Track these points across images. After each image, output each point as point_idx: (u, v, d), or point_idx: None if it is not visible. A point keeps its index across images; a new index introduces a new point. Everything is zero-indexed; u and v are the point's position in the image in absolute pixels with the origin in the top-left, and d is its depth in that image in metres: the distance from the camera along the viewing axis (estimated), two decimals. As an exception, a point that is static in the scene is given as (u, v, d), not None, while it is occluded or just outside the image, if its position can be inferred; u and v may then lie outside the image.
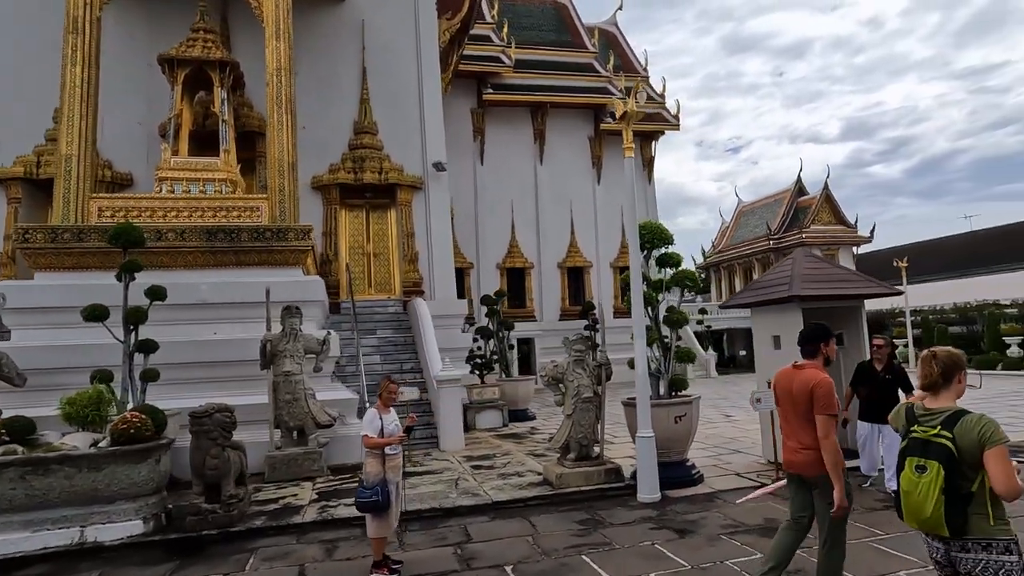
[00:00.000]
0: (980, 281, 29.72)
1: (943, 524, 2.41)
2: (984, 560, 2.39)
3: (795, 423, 3.71)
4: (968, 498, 2.40)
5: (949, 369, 2.61)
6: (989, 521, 2.40)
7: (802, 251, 8.65)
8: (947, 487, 2.39)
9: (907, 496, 2.52)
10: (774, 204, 35.40)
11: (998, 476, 2.32)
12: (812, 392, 3.54)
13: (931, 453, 2.45)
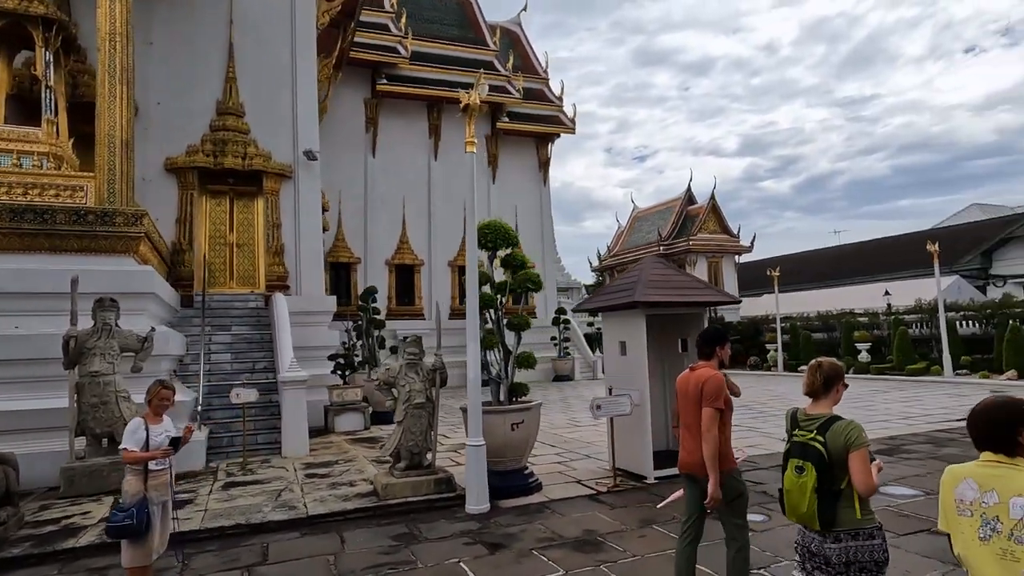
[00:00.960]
0: (840, 291, 32.15)
1: (816, 518, 2.68)
2: (854, 546, 2.64)
3: (693, 425, 3.78)
4: (838, 495, 2.67)
5: (830, 379, 2.88)
6: (856, 514, 2.67)
7: (651, 258, 8.70)
8: (819, 486, 2.66)
9: (788, 494, 2.79)
10: (666, 211, 36.69)
11: (858, 476, 2.63)
12: (703, 387, 3.66)
13: (808, 455, 2.71)
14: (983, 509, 2.05)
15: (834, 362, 2.94)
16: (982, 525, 2.04)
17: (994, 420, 2.11)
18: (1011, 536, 1.97)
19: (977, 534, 2.05)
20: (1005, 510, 1.99)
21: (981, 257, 29.64)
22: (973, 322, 21.58)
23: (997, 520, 2.01)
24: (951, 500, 2.16)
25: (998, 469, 2.07)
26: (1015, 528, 1.96)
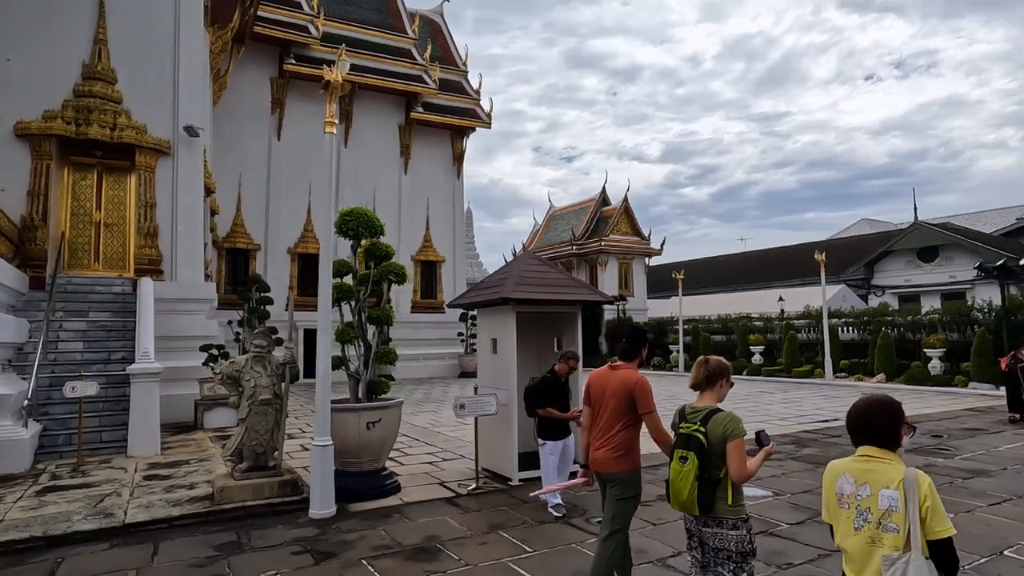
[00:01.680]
0: (741, 296, 33.57)
1: (695, 506, 2.87)
2: (720, 533, 2.86)
3: (606, 422, 3.76)
4: (716, 484, 2.86)
5: (714, 375, 3.08)
6: (727, 503, 2.86)
7: (527, 254, 8.50)
8: (700, 475, 2.83)
9: (673, 483, 2.96)
10: (580, 211, 37.10)
11: (733, 463, 2.82)
12: (633, 392, 3.66)
13: (690, 445, 2.88)
14: (858, 502, 2.21)
15: (720, 360, 3.14)
16: (856, 516, 2.21)
17: (877, 416, 2.27)
18: (879, 525, 2.14)
19: (852, 525, 2.21)
20: (875, 501, 2.15)
21: (864, 268, 31.65)
22: (852, 328, 22.93)
23: (869, 511, 2.17)
24: (833, 494, 2.30)
25: (871, 463, 2.23)
26: (882, 517, 2.13)
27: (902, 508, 2.09)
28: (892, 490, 2.13)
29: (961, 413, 13.17)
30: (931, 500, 2.08)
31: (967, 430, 10.88)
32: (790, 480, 7.41)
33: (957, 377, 18.53)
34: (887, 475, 2.17)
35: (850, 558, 2.24)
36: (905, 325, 21.28)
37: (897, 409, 2.28)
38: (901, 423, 2.27)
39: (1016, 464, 8.06)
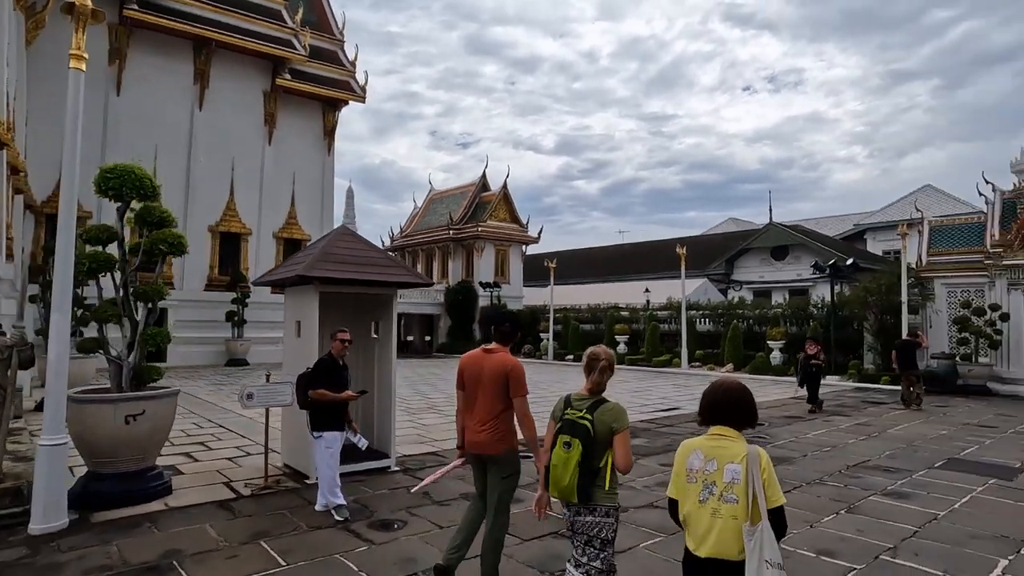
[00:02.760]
0: (614, 287, 34.54)
1: (574, 492, 2.88)
2: (591, 521, 2.93)
3: (483, 405, 3.80)
4: (596, 472, 2.90)
5: (593, 363, 3.11)
6: (605, 490, 2.93)
7: (340, 229, 7.77)
8: (583, 462, 2.86)
9: (554, 469, 2.96)
10: (460, 196, 36.51)
11: (619, 454, 2.90)
12: (508, 376, 3.72)
13: (576, 432, 2.90)
14: (705, 476, 2.38)
15: (610, 351, 3.21)
16: (703, 489, 2.37)
17: (735, 399, 2.47)
18: (721, 497, 2.33)
19: (698, 497, 2.38)
20: (720, 475, 2.35)
21: (725, 264, 33.60)
22: (708, 320, 24.11)
23: (714, 484, 2.35)
24: (683, 470, 2.46)
25: (721, 441, 2.42)
26: (725, 490, 2.33)
27: (743, 481, 2.31)
28: (736, 464, 2.34)
29: (788, 402, 13.97)
30: (768, 473, 2.34)
31: (786, 418, 11.46)
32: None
33: (791, 368, 19.88)
34: (732, 451, 2.38)
35: (693, 529, 2.41)
36: (753, 318, 22.60)
37: (750, 394, 2.53)
38: (754, 406, 2.50)
39: (816, 451, 8.44)
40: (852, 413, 12.13)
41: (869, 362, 18.82)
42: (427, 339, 34.37)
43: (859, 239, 38.98)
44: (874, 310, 18.50)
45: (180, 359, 21.28)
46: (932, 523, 5.39)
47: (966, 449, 8.66)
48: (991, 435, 9.87)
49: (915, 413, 12.26)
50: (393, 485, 6.53)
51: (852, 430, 10.16)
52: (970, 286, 17.34)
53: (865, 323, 19.09)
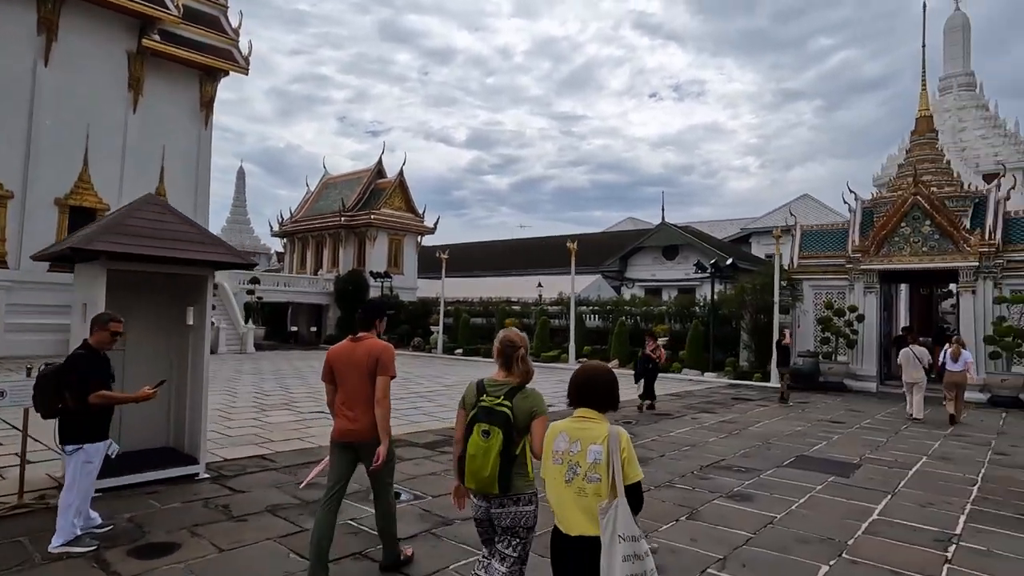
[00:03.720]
0: (509, 281, 34.31)
1: (496, 482, 2.77)
2: (514, 511, 2.84)
3: (356, 393, 3.78)
4: (514, 460, 2.82)
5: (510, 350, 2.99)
6: (525, 479, 2.87)
7: (146, 197, 6.69)
8: (503, 449, 2.77)
9: (472, 460, 2.81)
10: (354, 181, 34.98)
11: (538, 438, 2.78)
12: (379, 357, 3.74)
13: (495, 420, 2.81)
14: (570, 457, 2.49)
15: (525, 337, 3.08)
16: (567, 470, 2.48)
17: (600, 383, 2.58)
18: (585, 477, 2.44)
19: (564, 478, 2.49)
20: (584, 456, 2.46)
21: (620, 261, 34.17)
22: (597, 316, 24.25)
23: (578, 465, 2.46)
24: (550, 452, 2.56)
25: (585, 423, 2.54)
26: (589, 470, 2.44)
27: (604, 460, 2.39)
28: (598, 445, 2.42)
29: (662, 398, 14.02)
30: (627, 452, 2.43)
31: (655, 415, 11.38)
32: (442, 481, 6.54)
33: (674, 364, 20.27)
34: (595, 433, 2.47)
35: (559, 509, 2.50)
36: (640, 315, 22.91)
37: (615, 378, 2.61)
38: (614, 389, 2.58)
39: (675, 451, 8.26)
40: (719, 410, 12.26)
41: (744, 359, 19.47)
42: (313, 330, 32.68)
43: (745, 242, 40.92)
44: (749, 309, 19.14)
45: (11, 348, 18.76)
46: (768, 528, 5.17)
47: (816, 446, 8.79)
48: (840, 431, 10.17)
49: (777, 409, 12.58)
50: (191, 497, 5.59)
51: (716, 428, 10.17)
52: (834, 288, 18.27)
53: (742, 321, 19.74)
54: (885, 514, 5.63)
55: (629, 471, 2.41)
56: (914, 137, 18.69)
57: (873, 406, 13.71)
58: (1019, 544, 4.96)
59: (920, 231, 16.65)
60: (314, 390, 13.27)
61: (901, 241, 16.93)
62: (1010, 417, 12.82)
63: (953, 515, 5.67)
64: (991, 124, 34.49)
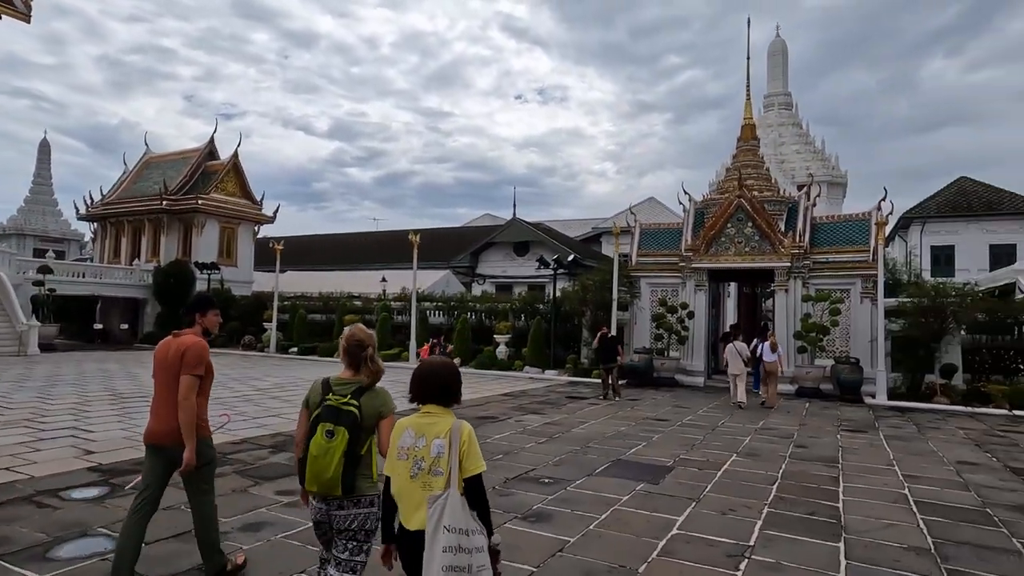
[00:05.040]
0: (354, 275, 32.51)
1: (339, 484, 2.69)
2: (355, 513, 2.77)
3: (165, 392, 3.63)
4: (359, 460, 2.76)
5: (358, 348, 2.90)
6: (369, 480, 2.82)
7: None
8: (348, 450, 2.70)
9: (315, 460, 2.71)
10: (181, 162, 31.30)
11: (385, 437, 2.74)
12: (184, 354, 3.57)
13: (342, 419, 2.72)
14: (415, 452, 2.47)
15: (373, 335, 3.00)
16: (412, 465, 2.46)
17: (443, 377, 2.56)
18: (430, 471, 2.43)
19: (409, 473, 2.47)
20: (428, 451, 2.45)
21: (471, 257, 33.66)
22: (441, 313, 23.40)
23: (422, 460, 2.45)
24: (396, 447, 2.53)
25: (430, 418, 2.51)
26: (432, 464, 2.43)
27: (447, 454, 2.42)
28: (441, 439, 2.44)
29: (495, 398, 13.42)
30: (468, 445, 2.44)
31: (480, 419, 10.67)
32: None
33: (516, 362, 19.92)
34: (439, 427, 2.48)
35: (405, 504, 2.47)
36: (484, 311, 22.37)
37: (458, 372, 2.64)
38: (457, 384, 2.59)
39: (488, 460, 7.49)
40: (549, 411, 11.83)
41: (585, 356, 19.53)
42: (125, 327, 28.74)
43: (596, 241, 42.17)
44: (590, 306, 19.22)
45: None
46: (556, 557, 4.50)
47: (634, 447, 8.48)
48: (662, 429, 10.06)
49: (606, 408, 12.41)
50: None
51: (538, 431, 9.62)
52: (668, 286, 18.82)
53: (583, 318, 19.81)
54: (685, 527, 5.21)
55: (468, 464, 2.41)
56: (740, 143, 19.76)
57: (699, 400, 14.08)
58: (805, 551, 4.71)
59: (743, 232, 17.55)
60: (87, 399, 11.11)
61: (727, 241, 17.76)
62: (812, 407, 13.68)
63: (750, 522, 5.38)
64: (804, 141, 38.24)
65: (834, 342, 16.55)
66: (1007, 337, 16.08)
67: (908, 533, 5.22)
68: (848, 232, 17.14)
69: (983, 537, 5.20)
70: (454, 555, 2.26)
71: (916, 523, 5.51)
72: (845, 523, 5.43)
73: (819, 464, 7.77)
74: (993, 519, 5.71)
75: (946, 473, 7.55)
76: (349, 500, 2.74)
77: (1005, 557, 4.77)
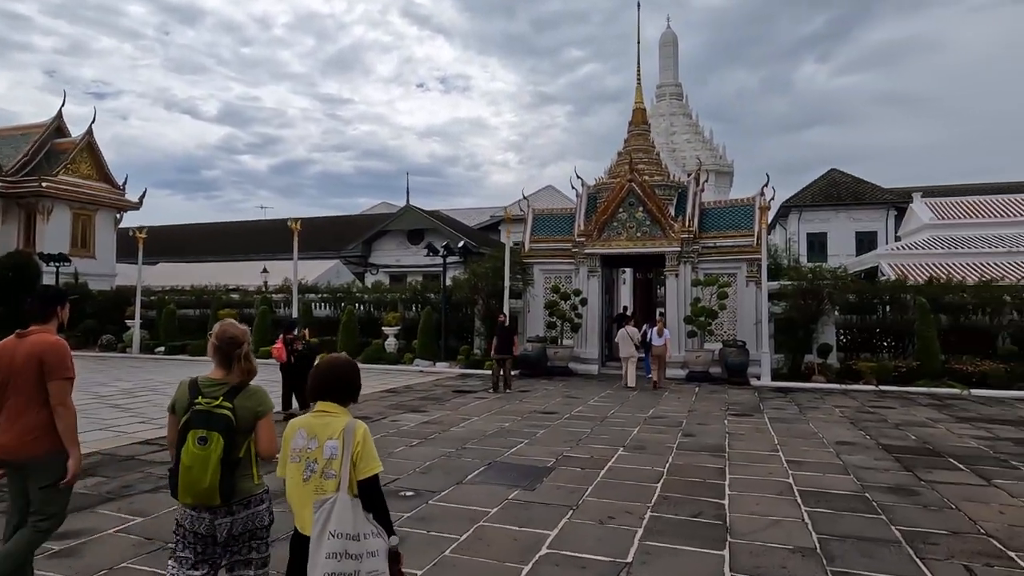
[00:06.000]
0: (233, 266, 30.08)
1: (217, 493, 2.48)
2: (245, 515, 2.57)
3: (19, 401, 3.17)
4: (237, 463, 2.54)
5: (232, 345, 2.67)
6: (253, 480, 2.61)
7: None
8: (224, 456, 2.48)
9: (188, 471, 2.51)
10: (19, 138, 27.46)
11: (265, 438, 2.62)
12: (42, 358, 3.14)
13: (214, 424, 2.51)
14: (307, 454, 2.35)
15: (247, 331, 2.77)
16: (305, 468, 2.34)
17: (341, 374, 2.47)
18: (323, 474, 2.31)
19: (302, 476, 2.34)
20: (321, 452, 2.33)
21: (363, 246, 32.03)
22: (328, 305, 21.90)
23: (315, 462, 2.33)
24: (288, 449, 2.40)
25: (325, 418, 2.39)
26: (326, 466, 2.31)
27: (340, 455, 2.29)
28: (334, 440, 2.31)
29: (375, 396, 12.41)
30: (363, 445, 2.32)
31: (351, 421, 9.62)
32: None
33: (406, 355, 18.88)
34: (333, 427, 2.35)
35: (298, 509, 2.36)
36: (372, 302, 21.12)
37: (354, 369, 2.53)
38: (358, 382, 2.51)
39: (344, 473, 6.55)
40: (431, 408, 10.95)
41: (478, 347, 18.79)
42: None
43: (495, 230, 41.54)
44: (482, 294, 18.49)
45: None
46: (396, 599, 3.64)
47: (515, 446, 7.79)
48: (548, 423, 9.47)
49: (493, 402, 11.71)
50: None
51: (413, 432, 8.73)
52: (561, 272, 18.42)
53: (476, 307, 19.06)
54: (558, 544, 4.52)
55: (363, 465, 2.31)
56: (631, 128, 19.64)
57: (592, 389, 13.71)
58: (688, 565, 4.14)
59: (635, 216, 17.40)
60: None
61: (619, 226, 17.56)
62: (701, 391, 13.67)
63: (630, 531, 4.78)
64: (694, 131, 39.44)
65: (722, 326, 16.77)
66: (873, 317, 16.92)
67: (794, 531, 4.82)
68: (734, 217, 17.40)
69: (865, 528, 4.90)
70: (338, 562, 2.17)
71: (801, 517, 5.15)
72: (731, 524, 4.96)
73: (706, 455, 7.41)
74: (872, 505, 5.51)
75: (827, 456, 7.41)
76: (236, 504, 2.55)
77: (887, 550, 4.47)
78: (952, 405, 11.85)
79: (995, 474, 6.65)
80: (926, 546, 4.55)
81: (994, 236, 24.52)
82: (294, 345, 9.69)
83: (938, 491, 5.96)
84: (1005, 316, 15.93)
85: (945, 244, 24.03)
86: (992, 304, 15.93)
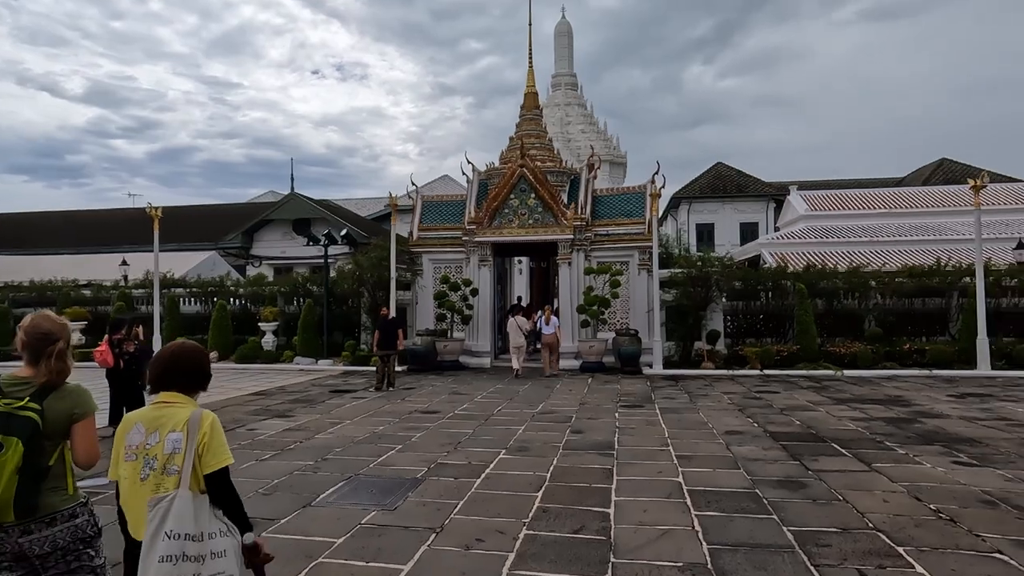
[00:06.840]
0: (83, 259, 26.86)
1: (10, 508, 2.12)
2: (52, 533, 2.19)
3: None
4: (44, 474, 2.21)
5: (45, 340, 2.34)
6: (67, 492, 2.27)
7: None
8: (25, 465, 2.13)
9: None
10: None
11: (83, 445, 2.28)
12: None
13: (13, 428, 2.14)
14: (146, 451, 2.09)
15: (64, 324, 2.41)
16: (143, 466, 2.09)
17: (184, 361, 2.22)
18: (164, 471, 2.06)
19: (139, 475, 2.09)
20: (162, 447, 2.08)
21: (244, 237, 29.59)
22: (197, 300, 19.86)
23: (155, 459, 2.08)
24: (122, 447, 2.15)
25: (166, 410, 2.15)
26: (167, 462, 2.06)
27: (183, 449, 2.06)
28: (177, 432, 2.08)
29: (240, 399, 11.07)
30: (211, 435, 2.09)
31: (198, 432, 8.34)
32: None
33: (286, 353, 17.40)
34: (176, 418, 2.12)
35: (133, 512, 2.11)
36: (249, 296, 19.36)
37: (204, 353, 2.31)
38: (206, 367, 2.28)
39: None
40: (300, 412, 9.80)
41: (363, 342, 17.62)
42: None
43: (388, 220, 40.04)
44: (367, 286, 17.33)
45: None
46: None
47: (385, 454, 6.89)
48: (427, 425, 8.63)
49: (373, 402, 10.72)
50: None
51: (272, 442, 7.62)
52: (452, 262, 17.59)
53: (362, 300, 17.86)
54: (409, 582, 3.70)
55: (209, 459, 2.07)
56: (523, 112, 19.07)
57: (482, 384, 13.01)
58: (566, 604, 3.46)
59: (527, 203, 16.85)
60: None
61: (511, 213, 16.95)
62: (594, 382, 13.34)
63: (501, 556, 4.06)
64: (589, 121, 39.75)
65: (615, 314, 16.61)
66: (757, 303, 17.39)
67: (684, 543, 4.29)
68: (626, 204, 17.27)
69: (756, 533, 4.46)
70: (173, 565, 1.94)
71: (691, 524, 4.64)
72: (615, 538, 4.36)
73: (593, 454, 6.86)
74: (764, 503, 5.12)
75: (717, 448, 7.08)
76: (38, 521, 2.14)
77: (781, 558, 4.03)
78: (829, 387, 12.18)
79: (874, 457, 6.57)
80: (819, 549, 4.17)
81: (858, 226, 26.28)
82: (123, 347, 8.17)
83: (825, 481, 5.71)
84: (871, 300, 16.83)
85: (818, 234, 25.45)
86: (860, 289, 16.77)
